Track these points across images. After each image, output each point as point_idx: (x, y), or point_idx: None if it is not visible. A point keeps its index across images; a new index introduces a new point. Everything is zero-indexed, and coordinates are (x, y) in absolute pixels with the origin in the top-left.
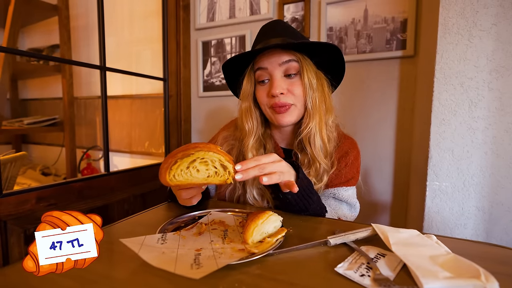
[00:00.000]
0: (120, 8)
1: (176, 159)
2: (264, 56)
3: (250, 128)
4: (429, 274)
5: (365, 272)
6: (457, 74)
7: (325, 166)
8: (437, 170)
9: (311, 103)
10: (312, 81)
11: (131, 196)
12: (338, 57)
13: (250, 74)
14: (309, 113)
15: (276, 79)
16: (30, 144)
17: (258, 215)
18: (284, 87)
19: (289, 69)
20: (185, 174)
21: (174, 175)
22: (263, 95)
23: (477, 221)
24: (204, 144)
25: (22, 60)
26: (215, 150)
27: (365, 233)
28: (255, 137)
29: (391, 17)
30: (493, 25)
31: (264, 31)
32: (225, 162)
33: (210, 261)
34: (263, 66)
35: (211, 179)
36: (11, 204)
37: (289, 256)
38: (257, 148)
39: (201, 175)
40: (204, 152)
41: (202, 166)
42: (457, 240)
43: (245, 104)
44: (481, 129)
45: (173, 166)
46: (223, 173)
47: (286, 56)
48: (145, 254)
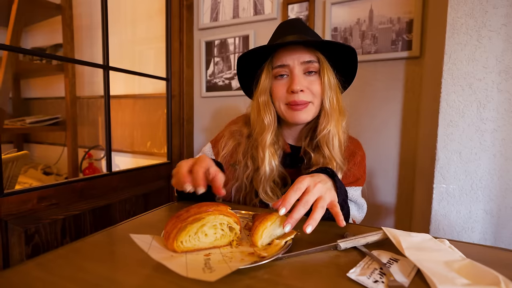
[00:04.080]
0: (124, 7)
1: (187, 224)
2: (286, 53)
3: (269, 122)
4: (446, 281)
5: (379, 278)
6: (466, 75)
7: (341, 164)
8: (444, 173)
9: (329, 102)
10: (332, 81)
11: (133, 196)
12: (352, 60)
13: (268, 69)
14: (326, 113)
15: (297, 76)
16: (32, 143)
17: (266, 216)
18: (304, 84)
19: (310, 67)
20: (193, 239)
21: (182, 241)
22: (281, 90)
23: (485, 224)
24: (215, 206)
25: (25, 59)
26: (225, 213)
27: (375, 237)
28: (273, 132)
29: (397, 17)
30: (503, 25)
31: (283, 28)
32: (233, 224)
33: (222, 264)
34: (285, 63)
35: (218, 242)
36: (12, 203)
37: (299, 261)
38: (274, 143)
39: (208, 239)
40: (215, 216)
41: (211, 230)
42: (469, 245)
43: (263, 98)
44: (489, 131)
45: (182, 232)
46: (230, 234)
47: (308, 55)
48: (155, 255)
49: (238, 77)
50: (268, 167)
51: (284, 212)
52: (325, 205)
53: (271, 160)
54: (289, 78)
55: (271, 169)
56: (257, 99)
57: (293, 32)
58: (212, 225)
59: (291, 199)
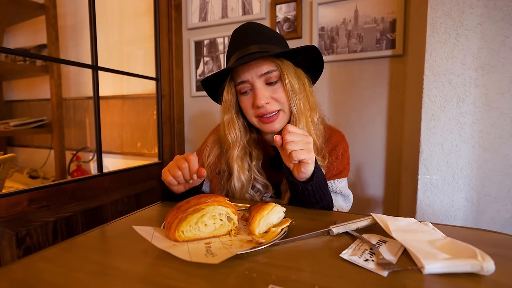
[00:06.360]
0: (110, 7)
1: (187, 214)
2: (244, 68)
3: (233, 139)
4: (429, 256)
5: (369, 257)
6: (445, 72)
7: (320, 162)
8: (427, 164)
9: (295, 107)
10: (294, 85)
11: (125, 197)
12: (315, 54)
13: (230, 86)
14: (295, 117)
15: (258, 90)
16: (16, 147)
17: (263, 206)
18: (267, 96)
19: (270, 78)
20: (193, 229)
21: (183, 231)
22: (248, 106)
23: (466, 212)
24: (214, 197)
25: (7, 60)
26: (224, 204)
27: (365, 222)
28: (239, 148)
29: (381, 17)
30: (478, 24)
31: (238, 37)
32: (231, 214)
33: (223, 250)
34: (245, 79)
35: (217, 231)
36: (2, 206)
37: (294, 245)
38: (242, 157)
39: (208, 229)
40: (214, 206)
41: (210, 220)
42: (450, 227)
43: (227, 116)
44: (468, 124)
45: (183, 223)
46: (228, 224)
47: (265, 66)
48: (158, 244)
49: (210, 97)
50: (237, 182)
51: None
52: (304, 155)
53: (239, 174)
54: (252, 93)
55: (241, 183)
56: (222, 117)
57: (249, 42)
58: (211, 216)
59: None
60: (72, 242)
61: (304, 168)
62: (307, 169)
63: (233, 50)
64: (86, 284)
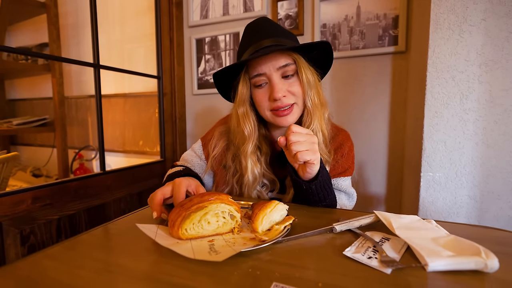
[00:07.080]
0: (112, 5)
1: (190, 212)
2: (260, 61)
3: (249, 132)
4: (433, 254)
5: (372, 254)
6: (449, 68)
7: (327, 157)
8: (430, 161)
9: (310, 101)
10: (310, 79)
11: (128, 195)
12: (327, 51)
13: (245, 79)
14: (309, 111)
15: (275, 83)
16: (19, 145)
17: (266, 204)
18: (284, 89)
19: (287, 71)
20: (196, 227)
21: (187, 229)
22: (263, 99)
23: (469, 209)
24: (217, 195)
25: (9, 59)
26: (227, 201)
27: (368, 219)
28: (253, 142)
29: (383, 13)
30: (482, 20)
31: (252, 31)
32: (234, 212)
33: (226, 248)
34: (262, 72)
35: (220, 229)
36: (6, 204)
37: (297, 243)
38: (255, 152)
39: (211, 227)
40: (217, 204)
41: (213, 218)
42: (453, 224)
43: (241, 109)
44: (472, 120)
45: (186, 220)
46: (231, 222)
47: (283, 60)
48: (162, 241)
49: (218, 91)
50: (251, 176)
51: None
52: (309, 157)
53: (253, 169)
54: (268, 86)
55: (254, 177)
56: (236, 110)
57: (264, 36)
58: (214, 213)
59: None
60: (76, 240)
61: (309, 169)
62: (312, 169)
63: (247, 43)
64: (90, 281)
